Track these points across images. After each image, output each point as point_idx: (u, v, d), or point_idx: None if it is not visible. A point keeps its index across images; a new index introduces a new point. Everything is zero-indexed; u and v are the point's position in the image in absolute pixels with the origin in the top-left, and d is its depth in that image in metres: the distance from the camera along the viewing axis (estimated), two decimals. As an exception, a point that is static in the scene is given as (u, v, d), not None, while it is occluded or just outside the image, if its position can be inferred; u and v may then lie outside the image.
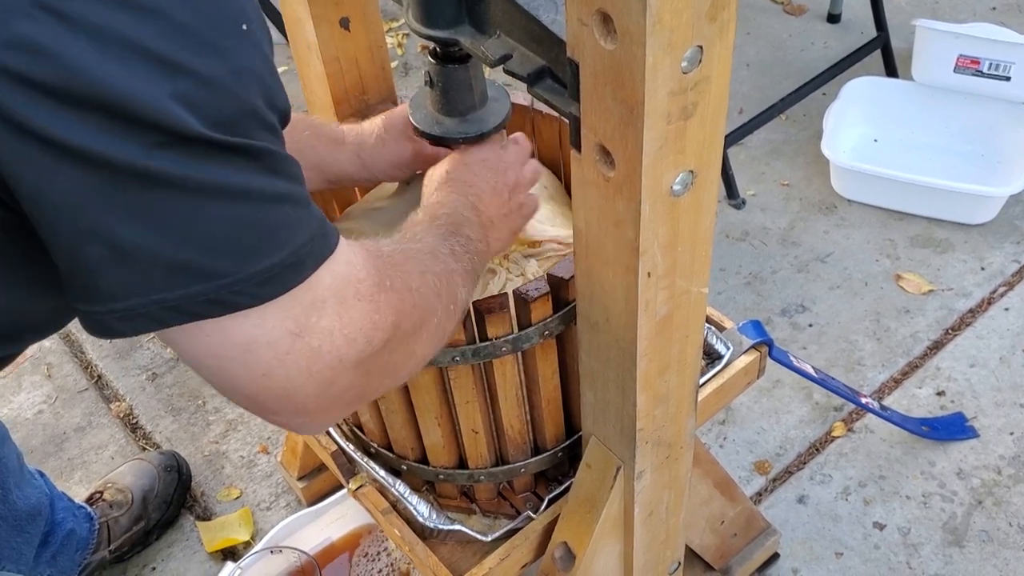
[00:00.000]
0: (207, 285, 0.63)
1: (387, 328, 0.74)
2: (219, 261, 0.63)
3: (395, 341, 0.75)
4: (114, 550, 1.59)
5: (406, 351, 0.78)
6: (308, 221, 0.69)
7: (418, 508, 1.17)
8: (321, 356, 0.69)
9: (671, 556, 1.23)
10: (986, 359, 1.84)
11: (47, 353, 2.01)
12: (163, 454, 1.72)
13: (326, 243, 0.70)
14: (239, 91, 0.63)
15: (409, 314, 0.77)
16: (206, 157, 0.61)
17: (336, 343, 0.70)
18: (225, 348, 0.66)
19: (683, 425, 1.04)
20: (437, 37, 0.92)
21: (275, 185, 0.66)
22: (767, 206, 2.18)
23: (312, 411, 0.72)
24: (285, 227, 0.66)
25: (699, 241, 0.85)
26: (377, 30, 1.23)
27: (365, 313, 0.72)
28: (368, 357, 0.73)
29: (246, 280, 0.64)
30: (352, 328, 0.71)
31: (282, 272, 0.66)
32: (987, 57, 2.14)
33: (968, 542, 1.58)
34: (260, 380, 0.68)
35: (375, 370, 0.74)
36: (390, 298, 0.74)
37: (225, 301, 0.64)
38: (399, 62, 2.70)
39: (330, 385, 0.71)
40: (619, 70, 0.69)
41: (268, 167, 0.66)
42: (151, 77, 0.59)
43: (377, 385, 0.77)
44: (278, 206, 0.66)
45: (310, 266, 0.68)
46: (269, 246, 0.65)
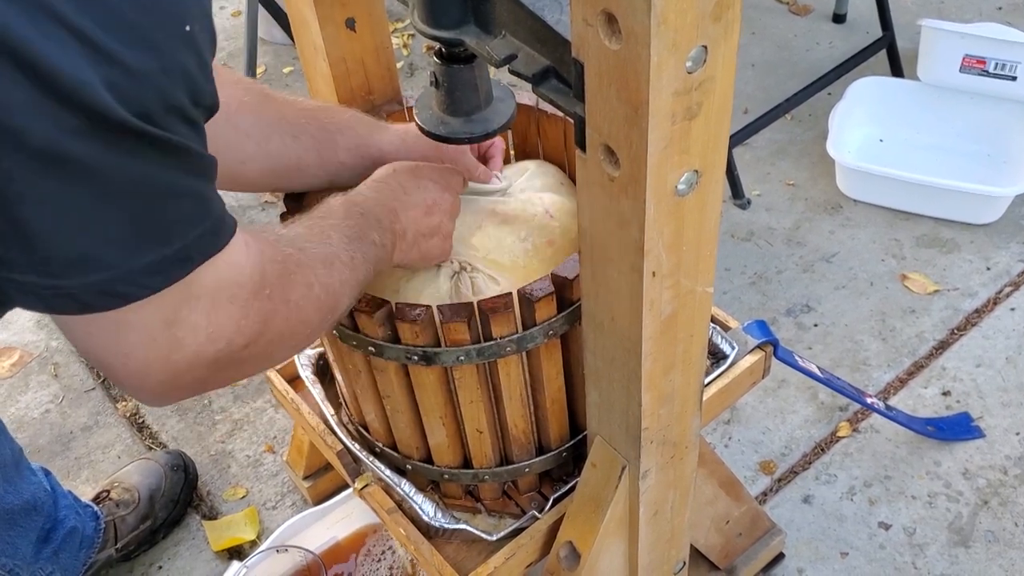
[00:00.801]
0: (101, 275, 0.65)
1: (250, 335, 0.77)
2: (116, 251, 0.66)
3: (255, 347, 0.78)
4: (120, 548, 1.60)
5: (263, 355, 0.81)
6: (204, 216, 0.71)
7: (423, 507, 1.18)
8: (182, 348, 0.72)
9: (676, 556, 1.23)
10: (992, 359, 1.83)
11: (54, 353, 2.02)
12: (170, 453, 1.72)
13: (216, 240, 0.72)
14: (165, 86, 0.65)
15: (277, 325, 0.80)
16: (123, 146, 0.63)
17: (199, 339, 0.73)
18: (97, 324, 0.69)
19: (688, 424, 1.05)
20: (442, 37, 0.93)
21: (182, 181, 0.68)
22: (772, 206, 2.18)
23: (160, 392, 0.76)
24: (182, 221, 0.69)
25: (704, 241, 0.85)
26: (383, 31, 1.24)
27: (233, 318, 0.75)
28: (225, 357, 0.76)
29: (137, 271, 0.67)
30: (216, 329, 0.74)
31: (169, 266, 0.69)
32: (993, 57, 2.14)
33: (974, 542, 1.58)
34: (120, 358, 0.71)
35: (227, 368, 0.78)
36: (263, 307, 0.77)
37: (116, 292, 0.67)
38: (405, 62, 2.70)
39: (181, 375, 0.74)
40: (624, 70, 0.69)
41: (182, 162, 0.68)
42: (86, 61, 0.60)
43: (223, 380, 0.80)
44: (181, 200, 0.69)
45: (196, 261, 0.70)
46: (164, 238, 0.68)
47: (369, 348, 1.04)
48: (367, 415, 1.20)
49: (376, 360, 1.07)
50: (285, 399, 1.36)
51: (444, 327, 1.00)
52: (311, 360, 1.34)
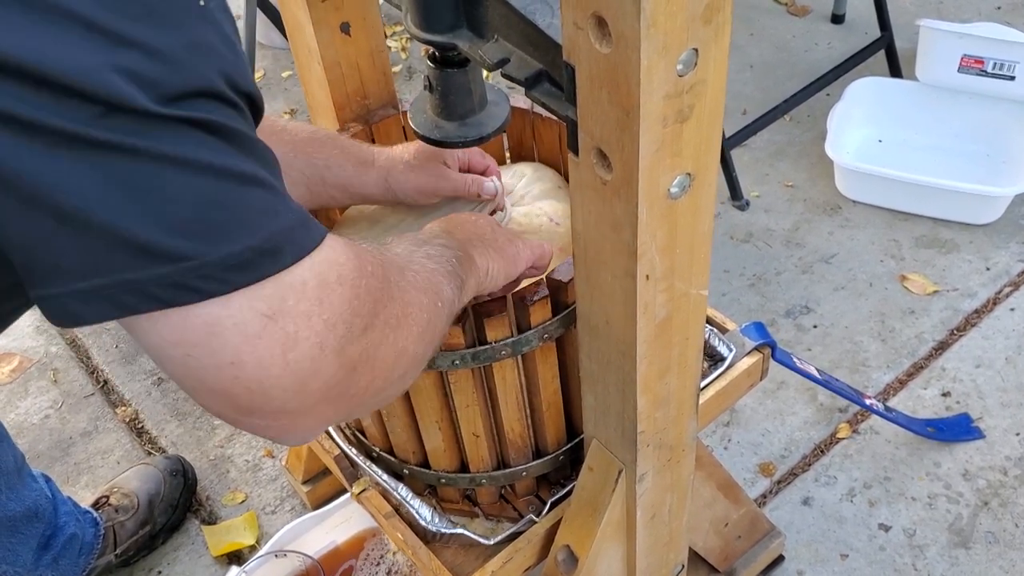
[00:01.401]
0: (172, 267, 0.58)
1: (366, 316, 0.68)
2: (185, 241, 0.58)
3: (376, 331, 0.70)
4: (120, 554, 1.60)
5: (394, 346, 0.73)
6: (285, 209, 0.63)
7: (420, 512, 1.18)
8: (297, 342, 0.63)
9: (675, 559, 1.23)
10: (992, 359, 1.83)
11: (53, 358, 2.02)
12: (169, 458, 1.72)
13: (309, 235, 0.64)
14: (194, 66, 0.58)
15: (389, 304, 0.72)
16: (159, 129, 0.57)
17: (314, 328, 0.63)
18: (187, 332, 0.60)
19: (685, 427, 1.04)
20: (436, 41, 0.93)
21: (242, 164, 0.61)
22: (771, 207, 2.18)
23: (293, 411, 0.65)
24: (258, 210, 0.61)
25: (698, 243, 0.85)
26: (378, 35, 1.24)
27: (345, 298, 0.66)
28: (350, 346, 0.67)
29: (215, 264, 0.59)
30: (332, 312, 0.65)
31: (256, 258, 0.60)
32: (991, 57, 2.13)
33: (974, 543, 1.57)
34: (228, 369, 0.61)
35: (361, 364, 0.69)
36: (371, 284, 0.69)
37: (191, 286, 0.59)
38: (403, 66, 2.70)
39: (310, 378, 0.64)
40: (614, 73, 0.69)
41: (233, 144, 0.60)
42: (87, 48, 0.54)
43: (366, 382, 0.70)
44: (247, 187, 0.61)
45: (290, 255, 0.62)
46: (241, 228, 0.60)
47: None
48: (364, 420, 1.20)
49: (372, 364, 1.06)
50: (282, 404, 1.35)
51: (439, 331, 0.99)
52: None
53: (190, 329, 0.60)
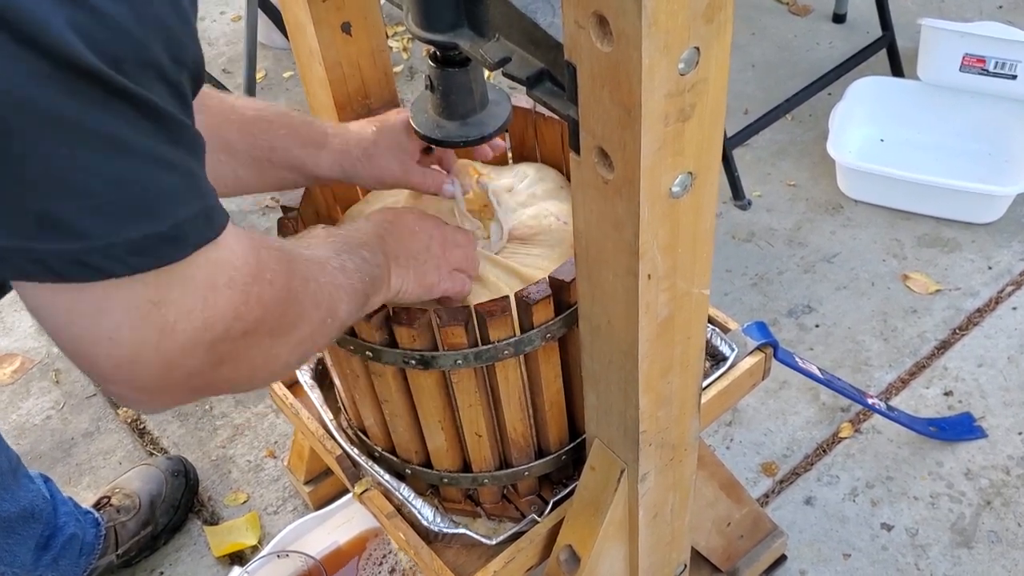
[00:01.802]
0: (78, 244, 0.59)
1: (250, 322, 0.71)
2: (93, 220, 0.59)
3: (255, 337, 0.72)
4: (122, 554, 1.60)
5: (267, 351, 0.75)
6: (195, 198, 0.65)
7: (423, 512, 1.17)
8: (174, 333, 0.66)
9: (677, 558, 1.23)
10: (994, 359, 1.83)
11: (55, 359, 2.02)
12: (170, 459, 1.72)
13: (211, 225, 0.66)
14: (140, 37, 0.59)
15: (278, 315, 0.74)
16: (96, 101, 0.57)
17: (193, 324, 0.66)
18: (78, 305, 0.62)
19: (687, 427, 1.04)
20: (437, 41, 0.93)
21: (164, 150, 0.62)
22: (773, 207, 2.17)
23: (152, 389, 0.69)
24: (168, 197, 0.62)
25: (699, 242, 0.85)
26: (379, 35, 1.24)
27: (231, 302, 0.69)
28: (222, 344, 0.69)
29: (119, 246, 0.60)
30: (213, 313, 0.68)
31: (158, 245, 0.62)
32: (993, 56, 2.13)
33: (977, 543, 1.57)
34: (105, 344, 0.64)
35: (228, 361, 0.71)
36: (263, 292, 0.72)
37: (94, 265, 0.60)
38: (404, 66, 2.70)
39: (176, 366, 0.68)
40: (616, 72, 0.69)
41: (161, 128, 0.61)
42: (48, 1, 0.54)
43: (228, 377, 0.73)
44: (164, 173, 0.62)
45: (191, 245, 0.64)
46: (149, 214, 0.61)
47: (367, 352, 1.04)
48: (366, 420, 1.19)
49: (374, 364, 1.07)
50: (284, 404, 1.35)
51: (441, 331, 0.99)
52: (310, 365, 1.34)
53: (81, 301, 0.62)
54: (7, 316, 2.12)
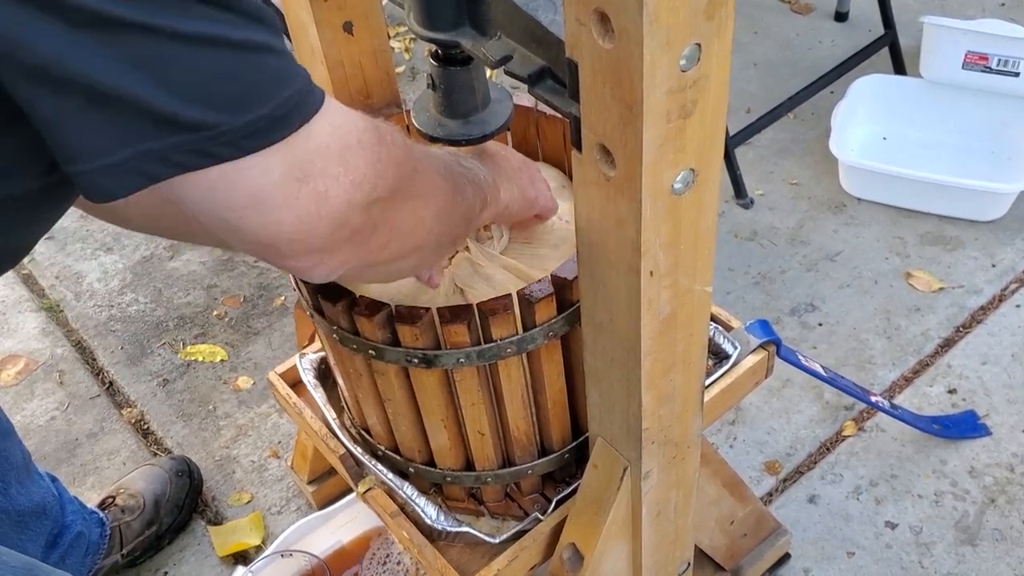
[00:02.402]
0: (193, 135, 0.63)
1: (390, 179, 0.76)
2: (204, 111, 0.63)
3: (399, 197, 0.77)
4: (126, 554, 1.60)
5: (412, 214, 0.81)
6: (292, 75, 0.68)
7: (426, 510, 1.18)
8: (328, 199, 0.71)
9: (680, 557, 1.23)
10: (998, 356, 1.83)
11: (59, 360, 2.02)
12: (175, 459, 1.73)
13: (312, 99, 0.70)
14: None
15: (409, 176, 0.79)
16: (178, 7, 0.61)
17: (343, 187, 0.71)
18: (235, 199, 0.68)
19: (689, 424, 1.04)
20: (438, 39, 0.93)
21: (252, 34, 0.65)
22: (776, 205, 2.17)
23: (326, 249, 0.74)
24: (269, 78, 0.66)
25: (701, 239, 0.85)
26: (381, 34, 1.24)
27: (368, 160, 0.73)
28: (374, 202, 0.75)
29: (232, 131, 0.64)
30: (357, 173, 0.72)
31: (268, 126, 0.66)
32: (996, 53, 2.13)
33: (981, 540, 1.57)
34: (273, 227, 0.70)
35: (383, 221, 0.77)
36: (392, 152, 0.76)
37: (212, 152, 0.65)
38: (406, 66, 2.70)
39: (341, 225, 0.73)
40: (617, 69, 0.69)
41: (240, 14, 0.64)
42: None
43: (385, 241, 0.79)
44: (259, 56, 0.66)
45: (295, 120, 0.68)
46: (253, 97, 0.65)
47: (369, 351, 1.04)
48: (369, 418, 1.20)
49: (377, 363, 1.07)
50: (288, 403, 1.36)
51: (444, 329, 1.00)
52: (313, 364, 1.34)
53: (236, 196, 0.68)
54: (11, 318, 2.13)
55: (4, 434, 1.36)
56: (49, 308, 2.14)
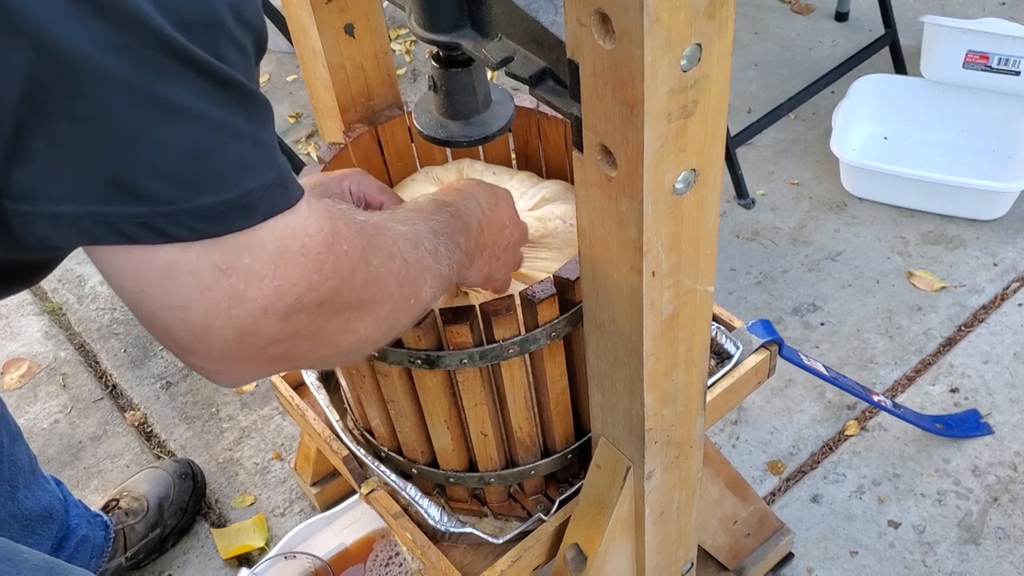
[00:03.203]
0: (147, 208, 0.60)
1: (324, 292, 0.69)
2: (164, 185, 0.60)
3: (331, 309, 0.71)
4: (130, 557, 1.60)
5: (345, 325, 0.73)
6: (268, 167, 0.65)
7: (429, 511, 1.18)
8: (244, 301, 0.65)
9: (683, 556, 1.23)
10: (1000, 355, 1.83)
11: (62, 364, 2.03)
12: (178, 462, 1.73)
13: (286, 195, 0.66)
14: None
15: (355, 288, 0.72)
16: (170, 71, 0.58)
17: (263, 291, 0.65)
18: (146, 271, 0.63)
19: (692, 424, 1.04)
20: (439, 41, 0.93)
21: (236, 119, 0.62)
22: (777, 205, 2.18)
23: (228, 358, 0.68)
24: (240, 165, 0.63)
25: (703, 239, 0.85)
26: (382, 36, 1.24)
27: (304, 271, 0.67)
28: (297, 316, 0.68)
29: (188, 212, 0.61)
30: (284, 281, 0.66)
31: (228, 213, 0.62)
32: (996, 52, 2.13)
33: (984, 539, 1.57)
34: (176, 312, 0.64)
35: (305, 333, 0.70)
36: (339, 264, 0.70)
37: (161, 229, 0.61)
38: (407, 69, 2.71)
39: (249, 334, 0.66)
40: (618, 69, 0.70)
41: (229, 94, 0.62)
42: None
43: (306, 350, 0.72)
44: (236, 141, 0.62)
45: (260, 214, 0.64)
46: (219, 181, 0.62)
47: (372, 352, 1.04)
48: (372, 420, 1.20)
49: (379, 364, 1.07)
50: (291, 405, 1.36)
51: (446, 330, 1.00)
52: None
53: (149, 268, 0.63)
54: (14, 321, 2.13)
55: (12, 438, 1.36)
56: (52, 311, 2.14)
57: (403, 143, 1.28)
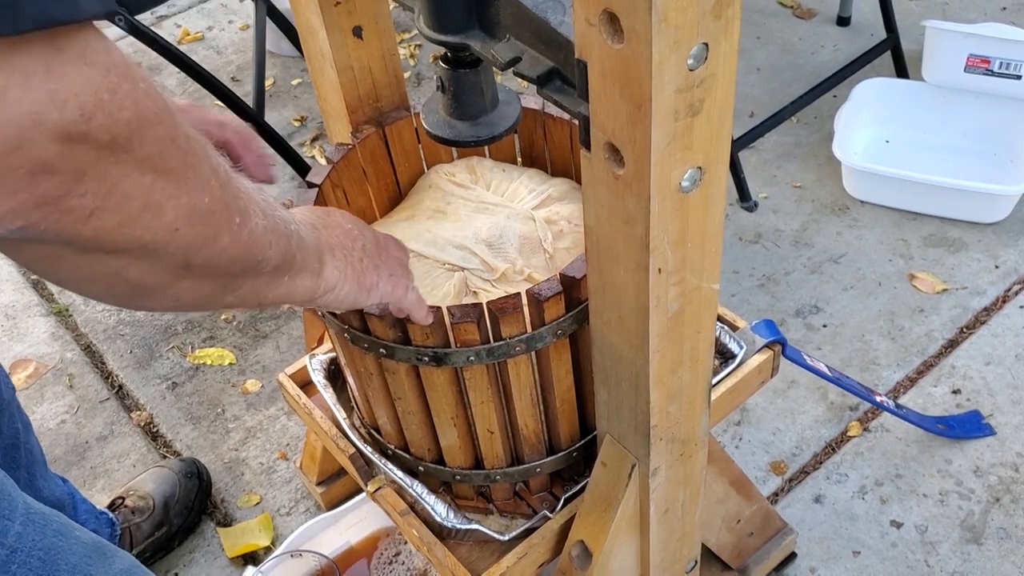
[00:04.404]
0: None
1: (118, 123, 0.56)
2: None
3: (127, 154, 0.58)
4: (136, 555, 1.61)
5: (145, 190, 0.60)
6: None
7: (435, 508, 1.19)
8: (5, 100, 0.51)
9: (687, 554, 1.24)
10: (1001, 357, 1.83)
11: (68, 364, 2.04)
12: (183, 461, 1.74)
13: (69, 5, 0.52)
14: None
15: (161, 139, 0.60)
16: None
17: (34, 93, 0.52)
18: None
19: (697, 422, 1.05)
20: (448, 42, 0.94)
21: None
22: (779, 208, 2.19)
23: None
24: None
25: (709, 237, 0.86)
26: (389, 38, 1.25)
27: (91, 80, 0.54)
28: (80, 143, 0.55)
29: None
30: (63, 86, 0.53)
31: None
32: (997, 56, 2.14)
33: (986, 539, 1.58)
34: None
35: (91, 176, 0.56)
36: (137, 96, 0.57)
37: None
38: (411, 72, 2.72)
39: (16, 149, 0.52)
40: (626, 68, 0.71)
41: None
42: None
43: (92, 205, 0.57)
44: None
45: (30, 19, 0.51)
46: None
47: (380, 350, 1.05)
48: (379, 418, 1.21)
49: (387, 362, 1.08)
50: (297, 404, 1.37)
51: (454, 328, 1.01)
52: (323, 364, 1.35)
53: None
54: (21, 322, 2.14)
55: (26, 427, 1.38)
56: (58, 312, 2.16)
57: (410, 144, 1.29)
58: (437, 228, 1.19)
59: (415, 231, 1.19)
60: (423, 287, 1.13)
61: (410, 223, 1.21)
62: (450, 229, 1.18)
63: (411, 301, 0.98)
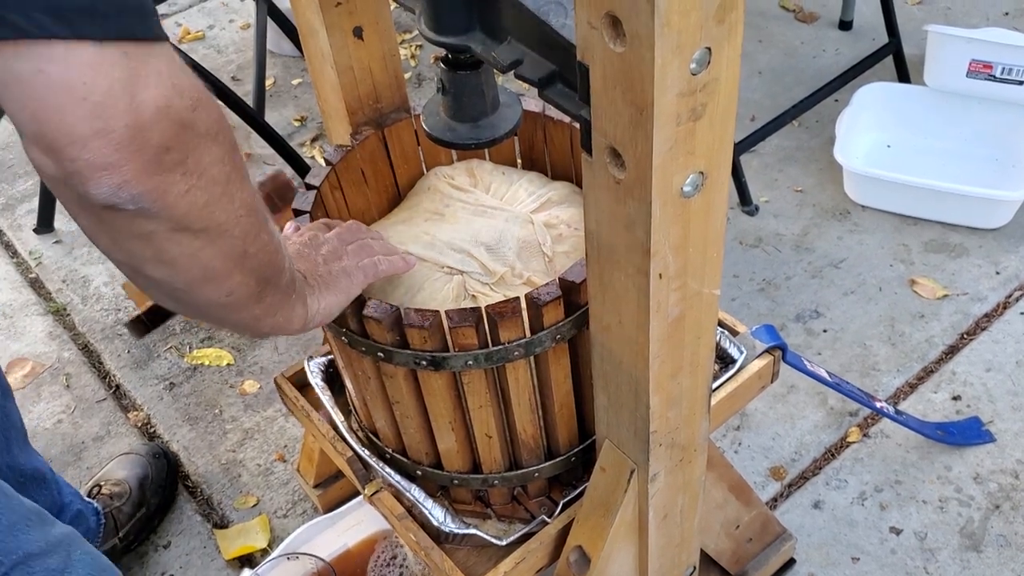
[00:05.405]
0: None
1: (211, 118, 0.71)
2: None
3: (213, 142, 0.71)
4: (123, 538, 1.63)
5: (224, 173, 0.73)
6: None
7: (433, 512, 1.18)
8: (146, 85, 0.65)
9: (686, 560, 1.23)
10: (1002, 363, 1.83)
11: (66, 364, 2.03)
12: (146, 444, 1.78)
13: (145, 21, 0.66)
14: None
15: (228, 139, 0.74)
16: None
17: (164, 84, 0.66)
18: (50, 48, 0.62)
19: (697, 427, 1.05)
20: (449, 44, 0.93)
21: None
22: (780, 212, 2.18)
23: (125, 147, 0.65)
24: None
25: (710, 242, 0.85)
26: (390, 39, 1.25)
27: (193, 84, 0.69)
28: (187, 128, 0.68)
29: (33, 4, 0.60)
30: (180, 82, 0.68)
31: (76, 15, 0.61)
32: (999, 61, 2.14)
33: (986, 547, 1.57)
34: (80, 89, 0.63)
35: (191, 157, 0.70)
36: (214, 103, 0.72)
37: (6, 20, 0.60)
38: (412, 73, 2.71)
39: (145, 128, 0.66)
40: (628, 72, 0.70)
41: None
42: None
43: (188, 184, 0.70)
44: None
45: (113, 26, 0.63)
46: None
47: (378, 354, 1.04)
48: (377, 421, 1.20)
49: (385, 366, 1.07)
50: (295, 406, 1.36)
51: (452, 332, 1.00)
52: (321, 367, 1.34)
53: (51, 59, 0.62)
54: (18, 321, 2.14)
55: (4, 393, 1.39)
56: (56, 312, 2.15)
57: (410, 146, 1.29)
58: (435, 231, 1.18)
59: (413, 233, 1.18)
60: (421, 291, 1.12)
61: (408, 225, 1.21)
62: (448, 232, 1.17)
63: (384, 270, 1.05)
